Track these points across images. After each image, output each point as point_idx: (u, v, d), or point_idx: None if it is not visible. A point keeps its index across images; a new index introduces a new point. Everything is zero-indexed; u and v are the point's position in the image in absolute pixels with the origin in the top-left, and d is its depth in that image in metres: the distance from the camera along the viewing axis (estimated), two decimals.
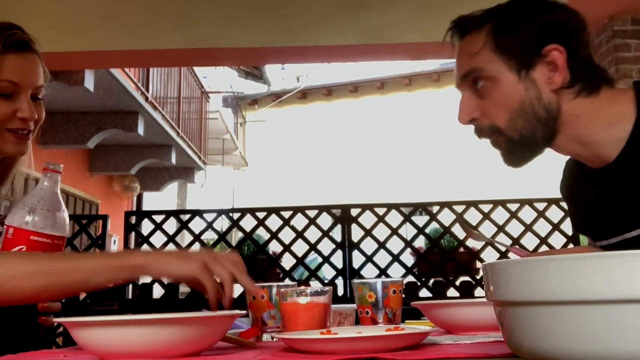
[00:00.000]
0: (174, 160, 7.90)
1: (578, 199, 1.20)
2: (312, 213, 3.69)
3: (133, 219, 3.85)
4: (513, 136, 1.06)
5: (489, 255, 3.60)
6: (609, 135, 1.04)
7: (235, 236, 7.39)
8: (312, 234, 3.65)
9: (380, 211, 3.69)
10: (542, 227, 3.59)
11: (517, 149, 1.08)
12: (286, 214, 3.68)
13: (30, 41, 1.19)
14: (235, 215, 3.75)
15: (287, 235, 3.67)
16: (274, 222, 3.68)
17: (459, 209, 3.65)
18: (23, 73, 1.17)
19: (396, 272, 3.65)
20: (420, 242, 3.82)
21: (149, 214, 3.84)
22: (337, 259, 3.66)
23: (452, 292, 3.66)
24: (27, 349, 1.03)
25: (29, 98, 1.18)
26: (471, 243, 3.72)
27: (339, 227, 3.70)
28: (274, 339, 1.10)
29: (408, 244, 3.66)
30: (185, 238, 4.87)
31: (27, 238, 1.06)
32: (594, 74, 1.06)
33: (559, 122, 1.05)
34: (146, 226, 3.84)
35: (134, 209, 8.86)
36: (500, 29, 1.06)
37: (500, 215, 3.62)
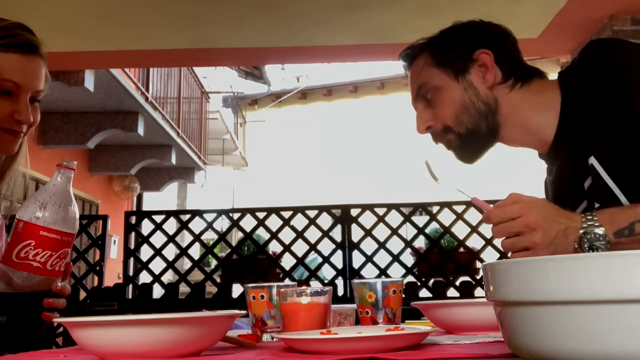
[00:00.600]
0: (174, 161, 7.90)
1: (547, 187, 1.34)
2: (312, 213, 3.69)
3: (133, 219, 3.85)
4: (461, 131, 1.23)
5: (489, 256, 3.59)
6: (544, 120, 1.19)
7: (235, 236, 7.40)
8: (312, 234, 3.65)
9: (380, 211, 3.69)
10: None
11: (467, 144, 1.24)
12: (286, 214, 3.68)
13: (37, 44, 1.20)
14: (235, 216, 3.75)
15: (287, 235, 3.67)
16: (274, 222, 3.68)
17: (459, 209, 3.65)
18: (26, 75, 1.17)
19: (396, 272, 3.65)
20: (420, 242, 3.82)
21: (149, 214, 3.84)
22: (337, 259, 3.66)
23: (452, 292, 3.66)
24: (30, 345, 1.03)
25: (27, 100, 1.18)
26: (471, 243, 3.72)
27: (339, 227, 3.70)
28: (274, 339, 1.10)
29: (408, 244, 3.66)
30: (185, 238, 4.88)
31: (37, 233, 1.06)
32: (524, 69, 1.23)
33: (500, 114, 1.21)
34: (146, 226, 3.84)
35: (134, 209, 8.87)
36: (436, 48, 1.26)
37: None
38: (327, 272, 3.78)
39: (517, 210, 0.98)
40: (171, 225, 4.40)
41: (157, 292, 3.76)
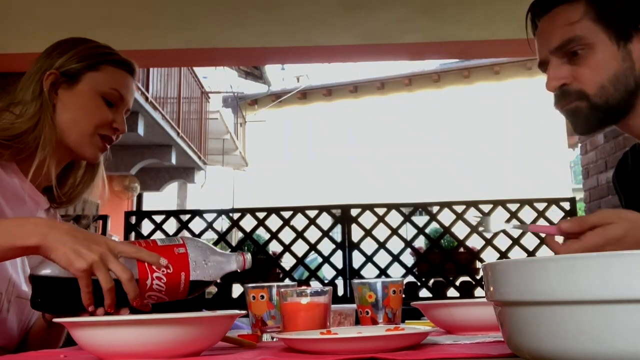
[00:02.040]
0: (174, 161, 7.90)
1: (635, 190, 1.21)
2: (312, 213, 3.69)
3: (133, 219, 3.85)
4: (598, 103, 1.08)
5: (489, 256, 3.60)
6: None
7: (236, 236, 7.39)
8: (312, 234, 3.65)
9: (380, 211, 3.69)
10: None
11: (597, 116, 1.09)
12: (286, 214, 3.68)
13: (135, 68, 1.33)
14: (235, 216, 3.75)
15: (287, 235, 3.66)
16: (274, 222, 3.68)
17: (459, 209, 3.65)
18: (128, 90, 1.30)
19: (396, 272, 3.65)
20: (420, 242, 3.82)
21: (149, 214, 3.84)
22: (337, 259, 3.66)
23: (452, 292, 3.66)
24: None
25: (124, 114, 1.31)
26: (471, 243, 3.72)
27: (339, 227, 3.70)
28: (274, 339, 1.10)
29: (408, 244, 3.66)
30: None
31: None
32: None
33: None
34: (146, 226, 3.84)
35: (134, 209, 8.86)
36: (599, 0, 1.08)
37: (499, 215, 3.62)
38: (327, 272, 3.78)
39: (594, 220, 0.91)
40: (171, 225, 4.40)
41: None
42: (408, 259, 3.71)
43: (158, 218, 3.78)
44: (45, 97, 1.21)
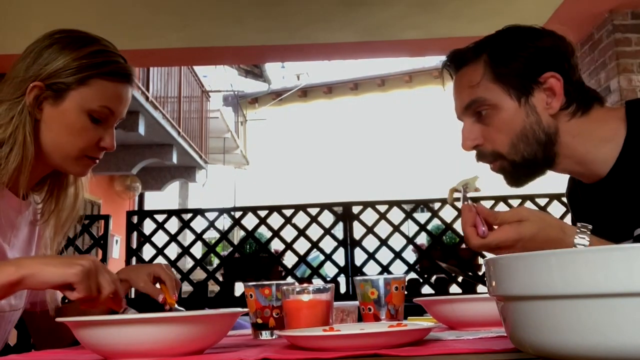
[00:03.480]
0: (175, 160, 7.90)
1: (577, 209, 1.26)
2: (313, 211, 3.69)
3: (135, 219, 3.85)
4: (515, 159, 1.11)
5: None
6: (603, 153, 1.08)
7: (237, 235, 7.40)
8: (314, 232, 3.65)
9: (382, 208, 3.68)
10: None
11: (519, 171, 1.13)
12: (288, 212, 3.68)
13: (132, 73, 1.21)
14: (237, 214, 3.75)
15: (288, 233, 3.66)
16: (275, 220, 3.68)
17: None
18: (120, 104, 1.18)
19: (398, 269, 3.64)
20: (422, 239, 3.82)
21: (150, 214, 3.83)
22: (339, 257, 3.66)
23: (454, 288, 3.66)
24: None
25: (113, 128, 1.19)
26: None
27: (340, 225, 3.70)
28: (274, 337, 1.10)
29: (410, 240, 3.66)
30: (187, 237, 4.87)
31: None
32: (586, 94, 1.11)
33: (558, 143, 1.10)
34: (148, 226, 3.84)
35: (136, 208, 8.88)
36: (496, 58, 1.10)
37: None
38: (329, 270, 3.78)
39: (499, 241, 0.98)
40: (173, 225, 4.40)
41: None
42: (410, 255, 3.71)
43: (160, 217, 3.77)
44: (25, 111, 1.10)
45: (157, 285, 1.20)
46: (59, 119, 1.13)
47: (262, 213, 3.68)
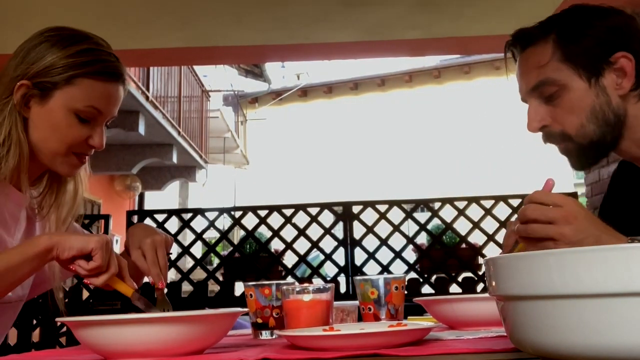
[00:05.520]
0: (175, 160, 7.90)
1: (625, 195, 1.21)
2: (313, 211, 3.69)
3: (135, 219, 3.86)
4: (583, 142, 1.08)
5: (492, 251, 3.59)
6: None
7: (237, 234, 7.40)
8: (314, 232, 3.65)
9: (382, 208, 3.68)
10: None
11: (586, 154, 1.11)
12: (288, 212, 3.68)
13: (123, 72, 1.19)
14: (237, 214, 3.75)
15: (288, 233, 3.66)
16: (275, 220, 3.68)
17: (461, 205, 3.64)
18: (109, 103, 1.17)
19: (398, 268, 3.64)
20: (422, 239, 3.82)
21: (150, 213, 3.83)
22: (339, 256, 3.66)
23: (454, 288, 3.66)
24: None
25: (103, 127, 1.19)
26: (473, 239, 3.72)
27: (340, 225, 3.70)
28: (274, 336, 1.10)
29: (410, 240, 3.66)
30: (187, 237, 4.87)
31: None
32: None
33: (625, 126, 1.08)
34: None
35: (136, 208, 8.87)
36: (565, 38, 1.08)
37: (501, 211, 3.62)
38: (329, 270, 3.78)
39: (559, 199, 0.93)
40: (173, 224, 4.40)
41: None
42: (410, 255, 3.71)
43: (160, 217, 3.77)
44: (14, 110, 1.11)
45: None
46: (46, 118, 1.13)
47: (262, 213, 3.68)
